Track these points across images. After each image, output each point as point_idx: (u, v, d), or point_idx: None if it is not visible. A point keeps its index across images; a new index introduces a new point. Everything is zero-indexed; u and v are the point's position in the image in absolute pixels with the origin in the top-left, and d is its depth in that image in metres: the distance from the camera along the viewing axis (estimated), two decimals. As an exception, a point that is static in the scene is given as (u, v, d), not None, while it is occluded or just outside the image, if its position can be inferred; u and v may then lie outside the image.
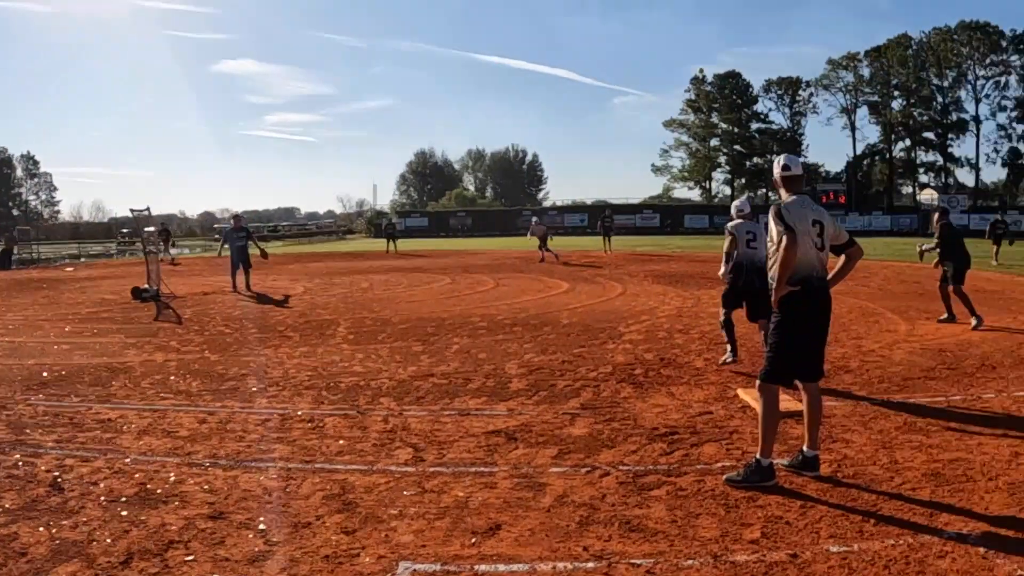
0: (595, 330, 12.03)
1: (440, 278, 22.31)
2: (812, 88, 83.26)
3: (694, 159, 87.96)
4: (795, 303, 5.31)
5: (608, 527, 4.54)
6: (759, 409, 5.47)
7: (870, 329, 12.12)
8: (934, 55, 76.31)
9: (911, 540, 4.42)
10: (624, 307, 14.95)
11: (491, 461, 5.77)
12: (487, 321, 13.00)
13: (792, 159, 5.60)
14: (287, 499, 5.06)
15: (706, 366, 9.33)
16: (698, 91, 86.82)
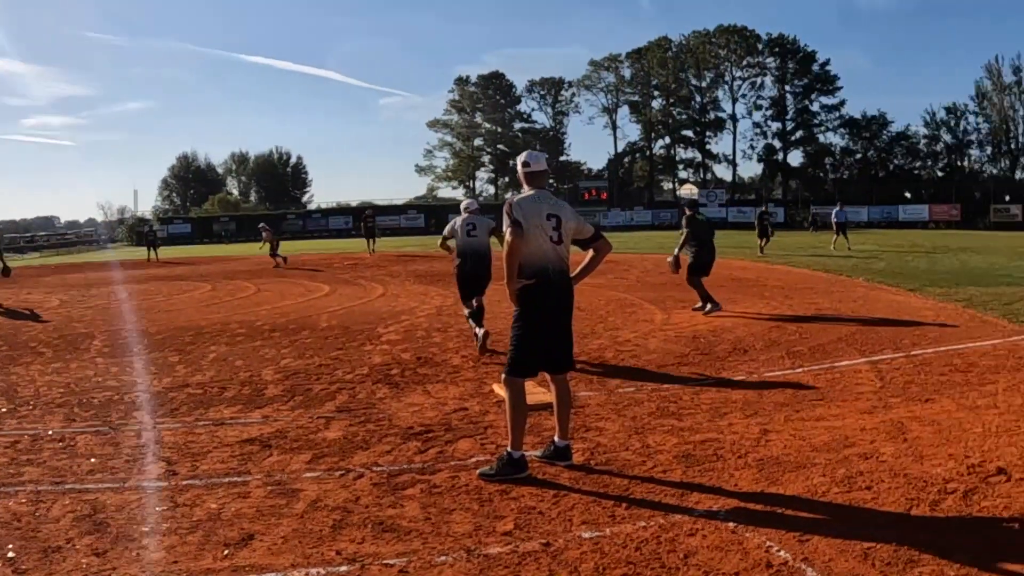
0: (354, 332, 12.45)
1: (201, 285, 22.72)
2: (574, 88, 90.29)
3: (458, 159, 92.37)
4: (532, 296, 5.66)
5: (362, 529, 4.68)
6: (506, 402, 5.75)
7: (627, 320, 12.94)
8: (693, 57, 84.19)
9: (662, 521, 4.74)
10: (384, 308, 15.56)
11: (245, 470, 5.86)
12: (246, 327, 13.26)
13: (532, 155, 5.92)
14: (36, 524, 4.95)
15: (463, 363, 9.71)
16: (462, 92, 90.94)
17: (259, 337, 12.18)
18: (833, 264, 23.58)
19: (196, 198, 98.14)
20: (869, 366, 8.98)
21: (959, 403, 7.29)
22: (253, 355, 10.60)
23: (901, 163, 78.58)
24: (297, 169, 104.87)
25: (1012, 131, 72.45)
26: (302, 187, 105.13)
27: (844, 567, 4.06)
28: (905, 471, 5.48)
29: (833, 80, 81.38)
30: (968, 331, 11.09)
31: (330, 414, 7.40)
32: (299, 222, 74.84)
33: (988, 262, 24.29)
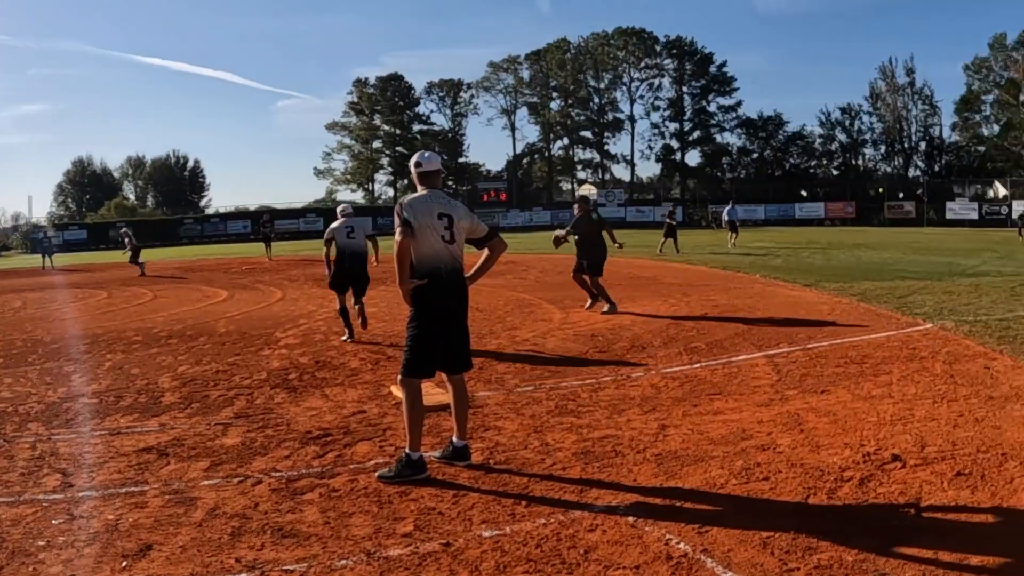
0: (252, 337, 12.33)
1: (97, 293, 22.26)
2: (473, 90, 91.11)
3: (357, 161, 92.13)
4: (426, 297, 5.68)
5: (261, 536, 4.65)
6: (403, 403, 5.75)
7: (525, 319, 13.01)
8: (592, 58, 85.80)
9: (562, 517, 4.76)
10: (282, 312, 15.49)
11: (142, 480, 5.77)
12: (143, 335, 13.07)
13: (424, 156, 6.00)
14: None
15: (361, 366, 9.70)
16: (361, 94, 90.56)
17: (156, 344, 12.00)
18: (731, 261, 24.18)
19: (92, 203, 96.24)
20: (766, 360, 9.20)
21: (854, 394, 7.53)
22: (150, 362, 10.46)
23: (797, 162, 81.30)
24: (195, 173, 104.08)
25: (905, 130, 75.80)
26: (200, 191, 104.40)
27: (744, 556, 4.12)
28: (802, 461, 5.62)
29: (730, 81, 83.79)
30: (862, 324, 11.48)
31: (228, 420, 7.33)
32: (197, 227, 74.07)
33: (882, 257, 25.30)
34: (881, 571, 3.93)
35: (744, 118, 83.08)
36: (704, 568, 4.03)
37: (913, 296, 14.42)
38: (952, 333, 10.47)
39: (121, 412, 7.81)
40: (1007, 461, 5.50)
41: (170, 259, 40.92)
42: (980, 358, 8.91)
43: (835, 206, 66.21)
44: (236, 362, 10.21)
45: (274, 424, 7.11)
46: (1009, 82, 68.78)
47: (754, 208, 68.34)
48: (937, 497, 4.91)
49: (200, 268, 30.44)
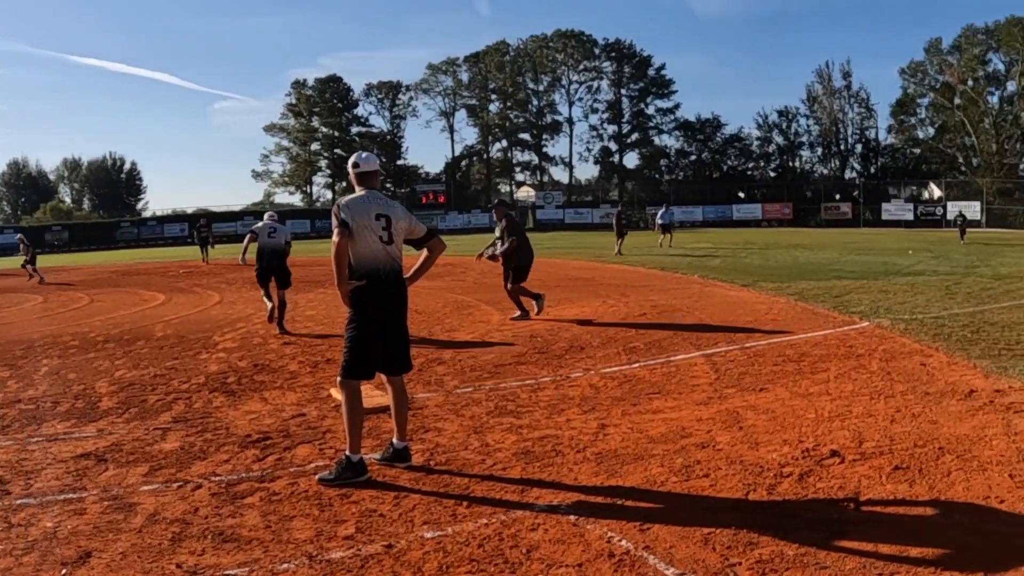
0: (190, 341, 12.18)
1: (32, 297, 21.77)
2: (412, 92, 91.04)
3: (295, 164, 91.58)
4: (364, 298, 5.68)
5: (201, 541, 4.62)
6: (343, 405, 5.74)
7: (464, 321, 13.02)
8: (530, 61, 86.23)
9: (504, 517, 4.78)
10: (220, 315, 15.31)
11: (80, 486, 5.69)
12: (79, 339, 12.80)
13: (363, 156, 6.03)
14: None
15: (300, 368, 9.65)
16: (299, 95, 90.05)
17: (93, 349, 11.78)
18: (669, 262, 24.44)
19: (27, 206, 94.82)
20: (704, 359, 9.31)
21: (792, 391, 7.66)
22: (87, 367, 10.28)
23: (735, 164, 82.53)
24: (132, 175, 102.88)
25: (841, 133, 77.55)
26: (137, 194, 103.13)
27: (686, 553, 4.17)
28: (742, 458, 5.70)
29: (668, 84, 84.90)
30: (800, 323, 11.69)
31: (166, 425, 7.24)
32: (134, 230, 73.22)
33: (819, 258, 25.82)
34: (822, 564, 4.00)
35: (682, 120, 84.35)
36: (646, 565, 4.06)
37: (850, 295, 14.72)
38: (888, 331, 10.71)
39: (58, 418, 7.67)
40: (944, 455, 5.64)
41: (107, 263, 40.18)
42: (916, 355, 9.13)
43: (772, 207, 67.39)
44: (174, 366, 10.09)
45: (213, 428, 7.05)
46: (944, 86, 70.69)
47: (692, 210, 69.30)
48: (876, 491, 5.01)
49: (137, 272, 29.86)
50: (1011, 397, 7.14)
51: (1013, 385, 7.57)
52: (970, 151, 70.22)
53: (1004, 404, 6.92)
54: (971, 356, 8.92)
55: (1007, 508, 4.70)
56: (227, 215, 74.46)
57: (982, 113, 68.12)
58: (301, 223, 72.65)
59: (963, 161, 71.38)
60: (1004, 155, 66.27)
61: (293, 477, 5.68)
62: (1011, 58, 67.34)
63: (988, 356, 8.90)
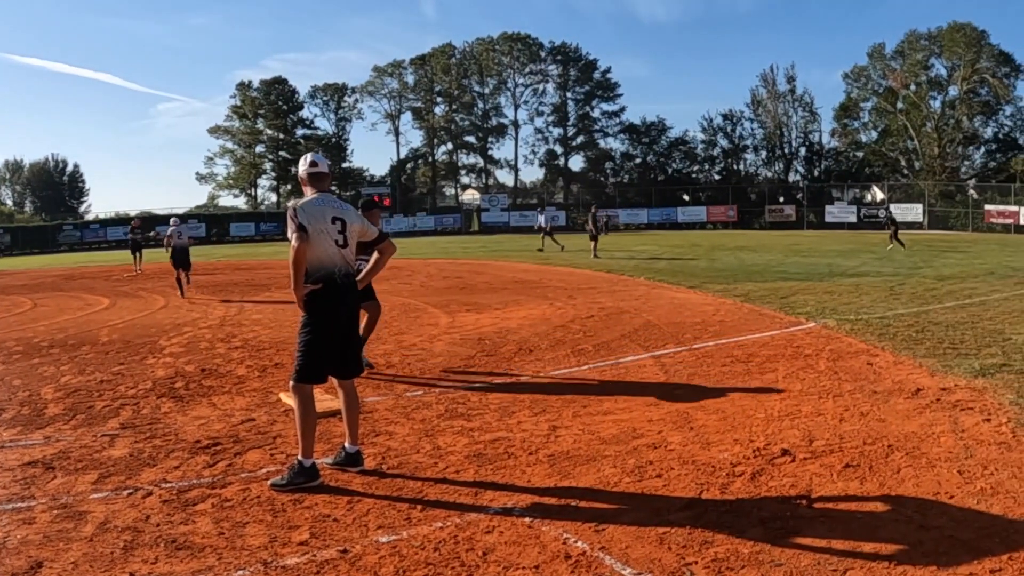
0: (136, 346, 12.01)
1: None
2: (358, 94, 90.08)
3: (239, 166, 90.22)
4: (319, 301, 5.65)
5: (154, 548, 4.59)
6: (295, 409, 5.70)
7: (412, 324, 12.97)
8: (476, 64, 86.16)
9: (458, 520, 4.79)
10: (166, 320, 15.09)
11: (28, 495, 5.62)
12: (23, 344, 12.58)
13: (318, 157, 5.99)
14: None
15: (248, 373, 9.56)
16: (244, 97, 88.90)
17: (37, 354, 11.57)
18: (615, 265, 24.63)
19: None
20: (653, 360, 9.41)
21: (741, 392, 7.78)
22: (31, 373, 10.12)
23: (680, 167, 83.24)
24: (74, 177, 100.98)
25: (786, 136, 78.49)
26: (80, 196, 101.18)
27: (641, 552, 4.21)
28: (694, 458, 5.77)
29: (614, 87, 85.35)
30: (747, 324, 11.86)
31: (114, 431, 7.15)
32: (77, 233, 71.56)
33: (765, 259, 26.17)
34: (777, 562, 4.06)
35: (627, 124, 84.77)
36: (603, 565, 4.09)
37: (795, 296, 14.97)
38: (834, 331, 10.91)
39: (4, 425, 7.54)
40: (893, 452, 5.76)
41: (50, 266, 39.25)
42: (863, 355, 9.31)
43: (717, 210, 68.11)
44: (121, 371, 9.94)
45: (162, 434, 6.98)
46: (887, 90, 72.09)
47: (637, 212, 69.80)
48: (827, 489, 5.11)
49: (81, 276, 29.27)
50: (957, 395, 7.32)
51: (959, 383, 7.76)
52: (912, 154, 71.65)
53: (950, 402, 7.09)
54: (916, 355, 9.12)
55: (956, 503, 4.82)
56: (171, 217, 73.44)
57: (924, 117, 69.56)
58: (246, 226, 72.26)
59: (905, 164, 72.80)
60: (946, 158, 67.76)
61: (245, 483, 5.64)
62: (953, 63, 68.80)
63: (933, 355, 9.10)
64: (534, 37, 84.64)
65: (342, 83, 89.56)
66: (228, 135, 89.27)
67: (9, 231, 72.17)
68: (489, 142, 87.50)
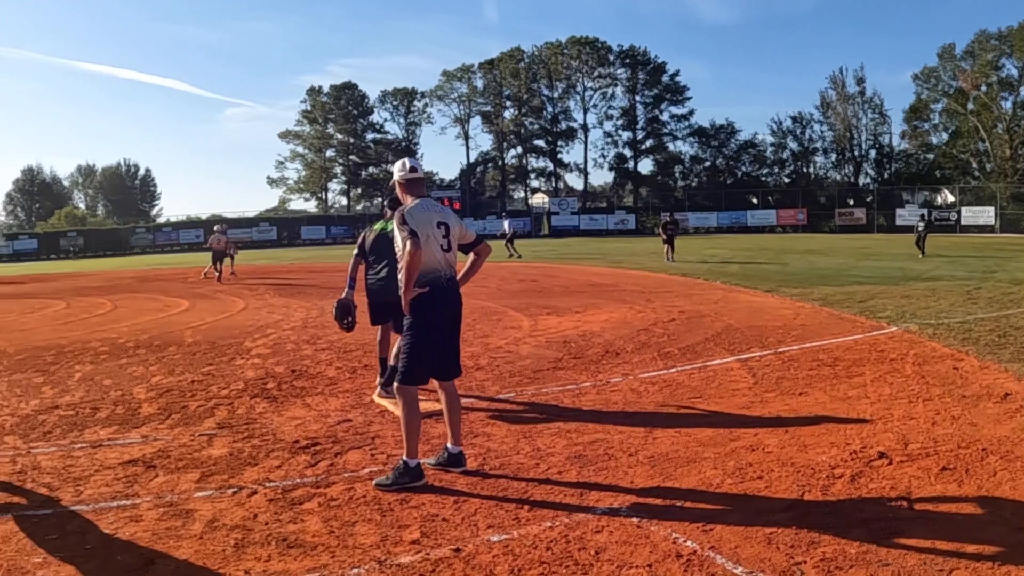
0: (221, 347, 12.12)
1: (54, 303, 21.50)
2: (427, 99, 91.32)
3: (310, 170, 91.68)
4: (426, 305, 5.71)
5: (266, 547, 4.62)
6: (400, 412, 5.75)
7: (495, 327, 13.09)
8: (545, 68, 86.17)
9: (567, 520, 4.86)
10: (248, 322, 15.25)
11: (132, 493, 5.66)
12: (108, 345, 12.70)
13: (414, 162, 6.00)
14: None
15: (338, 375, 9.64)
16: (314, 102, 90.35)
17: (124, 355, 11.68)
18: (689, 269, 24.53)
19: (42, 212, 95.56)
20: (740, 364, 9.41)
21: (831, 395, 7.76)
22: (121, 373, 10.21)
23: (749, 170, 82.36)
24: (146, 181, 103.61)
25: (855, 138, 77.27)
26: (151, 200, 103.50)
27: (751, 552, 4.27)
28: (792, 460, 5.80)
29: (682, 90, 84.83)
30: (828, 328, 11.77)
31: (211, 431, 7.22)
32: (149, 236, 73.32)
33: (836, 263, 25.85)
34: (884, 562, 4.10)
35: (696, 127, 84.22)
36: (714, 564, 4.16)
37: (873, 300, 14.80)
38: (917, 336, 10.79)
39: (100, 424, 7.63)
40: (987, 456, 5.74)
41: (123, 269, 40.18)
42: (947, 359, 9.22)
43: (787, 213, 67.26)
44: (210, 372, 10.08)
45: (259, 434, 7.04)
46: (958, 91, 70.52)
47: (706, 216, 69.31)
48: (926, 491, 5.12)
49: (156, 278, 29.93)
50: (1047, 400, 7.23)
51: (1048, 388, 7.65)
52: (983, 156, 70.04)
53: (1041, 406, 7.01)
54: (1001, 360, 9.00)
55: (1056, 507, 4.79)
56: (242, 221, 74.88)
57: (995, 118, 67.89)
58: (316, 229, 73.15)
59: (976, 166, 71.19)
60: (1018, 160, 66.02)
61: (348, 482, 5.68)
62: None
63: (1018, 360, 8.98)
64: (602, 41, 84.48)
65: (412, 88, 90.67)
66: (299, 139, 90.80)
67: (82, 234, 74.11)
68: (558, 145, 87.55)
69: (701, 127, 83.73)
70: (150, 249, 70.03)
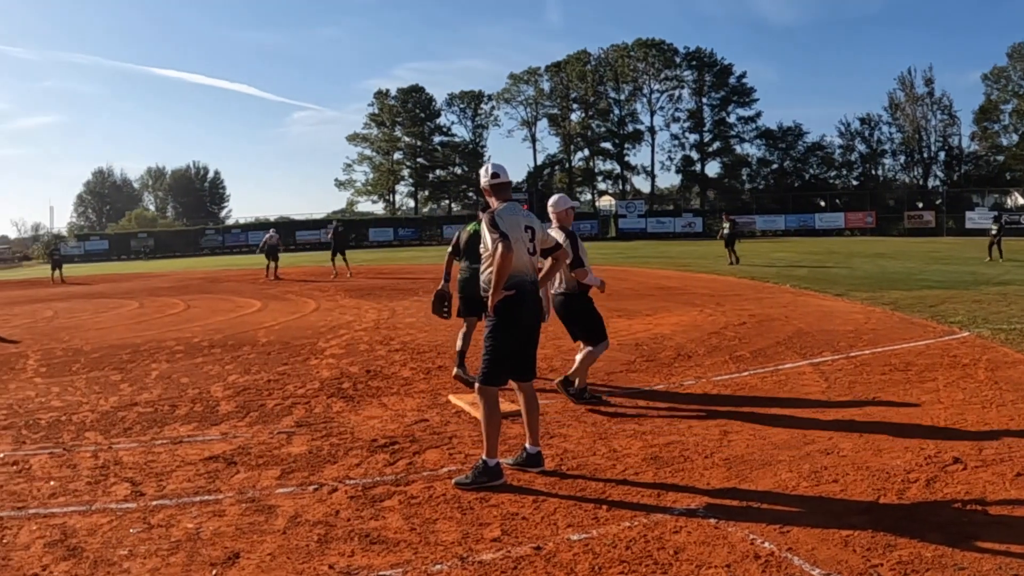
0: (295, 347, 12.31)
1: (127, 303, 22.03)
2: (494, 101, 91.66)
3: (377, 173, 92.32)
4: (511, 307, 5.74)
5: (348, 542, 4.67)
6: (481, 411, 5.81)
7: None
8: (612, 70, 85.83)
9: (645, 520, 4.91)
10: (320, 322, 15.40)
11: (214, 488, 5.76)
12: (183, 344, 12.96)
13: (500, 167, 5.99)
14: (5, 552, 4.75)
15: (413, 375, 9.73)
16: (381, 105, 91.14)
17: (199, 354, 11.93)
18: (758, 272, 24.28)
19: (112, 214, 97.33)
20: (812, 368, 9.35)
21: (904, 400, 7.70)
22: (197, 372, 10.41)
23: (816, 172, 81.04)
24: (215, 184, 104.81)
25: (924, 140, 75.52)
26: (220, 202, 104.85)
27: (828, 554, 4.29)
28: (867, 464, 5.78)
29: (749, 92, 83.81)
30: (899, 333, 11.62)
31: (290, 429, 7.32)
32: (218, 237, 74.21)
33: (905, 267, 25.36)
34: (960, 566, 4.09)
35: (763, 129, 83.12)
36: (792, 566, 4.18)
37: (944, 305, 14.54)
38: (989, 341, 10.61)
39: (179, 421, 7.80)
40: (1065, 463, 5.65)
41: (193, 269, 41.00)
42: (1020, 365, 9.08)
43: (855, 216, 66.10)
44: (286, 371, 10.19)
45: (337, 433, 7.13)
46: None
47: (774, 219, 68.40)
48: (1001, 496, 5.07)
49: (226, 279, 30.53)
50: (1124, 408, 7.08)
51: (1125, 396, 7.49)
52: (1056, 158, 68.01)
53: (1119, 414, 6.87)
54: (1077, 366, 8.81)
55: None
56: (310, 223, 75.80)
57: (1068, 120, 65.91)
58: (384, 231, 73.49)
59: (1049, 169, 69.15)
60: (1090, 162, 63.98)
61: (427, 481, 5.73)
62: (1096, 63, 65.08)
63: (1095, 366, 8.77)
64: (668, 43, 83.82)
65: (479, 91, 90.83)
66: (366, 142, 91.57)
67: (152, 235, 75.60)
68: (625, 148, 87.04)
69: (768, 129, 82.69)
70: (219, 250, 70.83)
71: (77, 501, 5.59)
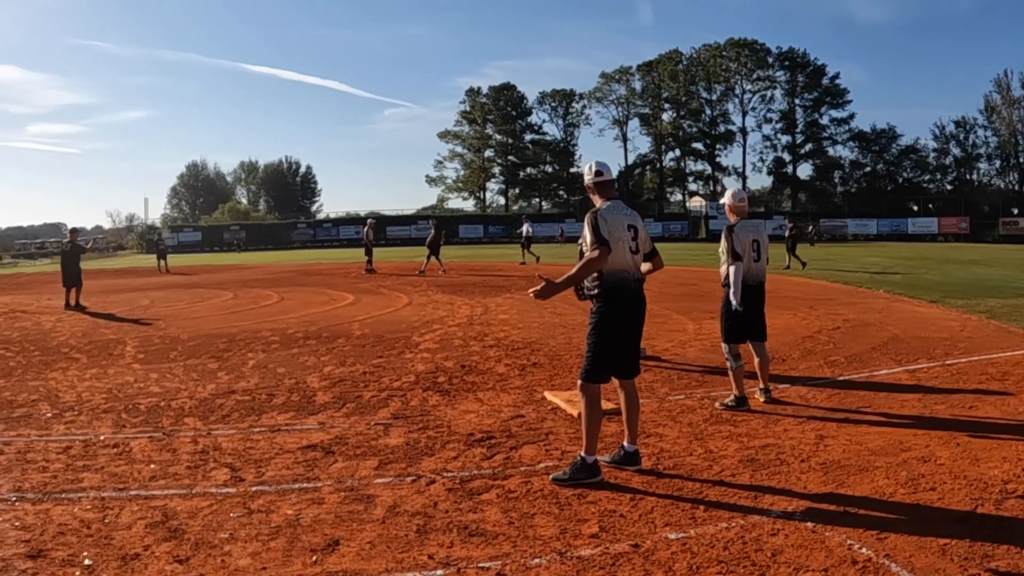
0: (389, 340, 12.44)
1: (221, 293, 22.59)
2: (585, 100, 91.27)
3: (468, 170, 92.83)
4: (614, 305, 5.70)
5: (447, 534, 4.72)
6: (582, 408, 5.80)
7: (659, 330, 13.04)
8: (704, 70, 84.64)
9: (742, 521, 4.91)
10: (413, 317, 15.57)
11: (313, 476, 5.85)
12: (279, 335, 13.17)
13: (604, 164, 5.95)
14: (108, 531, 4.87)
15: (508, 371, 9.79)
16: (473, 103, 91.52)
17: (295, 345, 12.12)
18: (851, 277, 23.78)
19: (205, 206, 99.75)
20: (907, 375, 9.19)
21: (1002, 410, 7.50)
22: (293, 362, 10.58)
23: (910, 176, 78.63)
24: (306, 178, 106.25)
25: (1021, 144, 72.53)
26: (311, 196, 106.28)
27: (925, 562, 4.25)
28: (964, 473, 5.68)
29: (842, 93, 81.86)
30: (996, 341, 11.29)
31: (386, 421, 7.42)
32: (310, 231, 75.18)
33: (1001, 275, 24.49)
34: (1061, 580, 4.02)
35: (857, 131, 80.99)
36: (889, 572, 4.16)
37: (1043, 314, 14.04)
38: (1092, 352, 10.22)
39: (276, 410, 7.92)
40: None
41: (285, 262, 41.64)
42: (1124, 377, 8.73)
43: (948, 221, 64.01)
44: (381, 364, 10.30)
45: (434, 426, 7.19)
46: None
47: (866, 223, 66.66)
48: (1104, 512, 4.93)
49: (319, 272, 30.96)
50: None
51: None
52: None
53: None
54: None
55: None
56: (400, 219, 76.47)
57: None
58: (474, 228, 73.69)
59: None
60: None
61: (525, 476, 5.74)
62: None
63: None
64: (760, 43, 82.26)
65: (570, 89, 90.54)
66: (458, 140, 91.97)
67: (244, 228, 76.75)
68: (716, 149, 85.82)
69: (861, 131, 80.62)
70: (310, 244, 71.64)
71: (177, 484, 5.73)
